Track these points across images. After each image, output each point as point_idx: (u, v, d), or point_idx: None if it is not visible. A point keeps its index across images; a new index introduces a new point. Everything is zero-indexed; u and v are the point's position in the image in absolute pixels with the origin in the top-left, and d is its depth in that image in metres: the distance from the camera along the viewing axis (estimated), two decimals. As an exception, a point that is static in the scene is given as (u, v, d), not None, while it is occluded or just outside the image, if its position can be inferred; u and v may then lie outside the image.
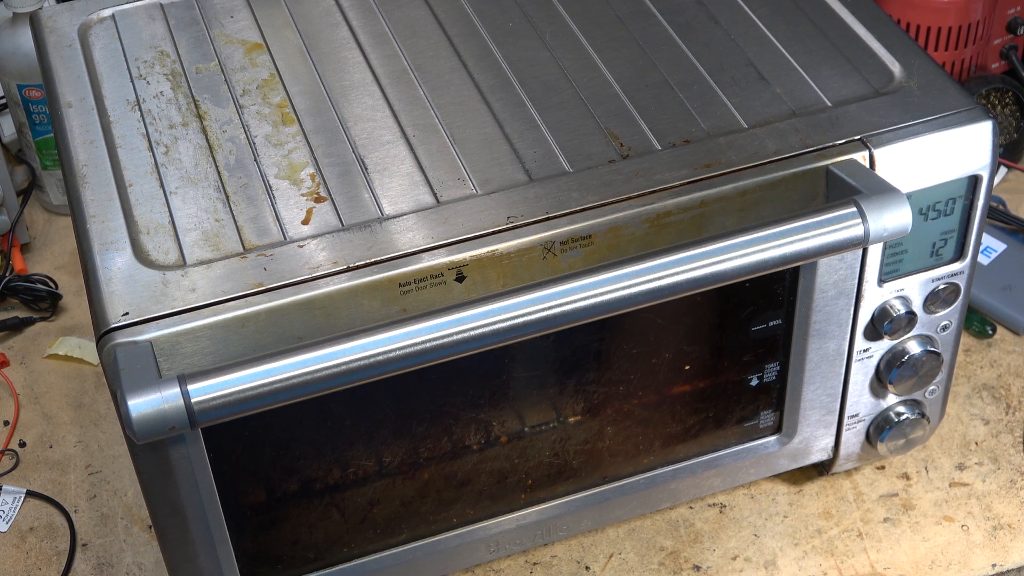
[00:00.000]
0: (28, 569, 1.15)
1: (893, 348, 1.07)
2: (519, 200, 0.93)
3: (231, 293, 0.87)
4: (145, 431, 0.81)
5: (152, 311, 0.86)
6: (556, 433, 1.04)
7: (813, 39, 1.06)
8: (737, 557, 1.14)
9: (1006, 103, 1.46)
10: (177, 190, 0.96)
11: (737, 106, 1.00)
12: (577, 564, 1.14)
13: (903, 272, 1.03)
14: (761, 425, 1.11)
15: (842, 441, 1.13)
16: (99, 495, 1.21)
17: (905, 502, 1.17)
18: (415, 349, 0.84)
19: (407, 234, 0.91)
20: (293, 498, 0.99)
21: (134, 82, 1.05)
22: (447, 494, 1.04)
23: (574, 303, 0.87)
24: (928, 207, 1.00)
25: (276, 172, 0.97)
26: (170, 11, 1.13)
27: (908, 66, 1.02)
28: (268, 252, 0.90)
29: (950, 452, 1.21)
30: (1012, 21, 1.47)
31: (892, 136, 0.96)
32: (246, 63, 1.07)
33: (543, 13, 1.10)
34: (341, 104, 1.02)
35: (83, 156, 0.99)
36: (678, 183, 0.93)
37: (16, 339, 1.36)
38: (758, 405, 1.10)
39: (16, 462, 1.24)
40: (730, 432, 1.11)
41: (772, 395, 1.09)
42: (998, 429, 1.23)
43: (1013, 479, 1.19)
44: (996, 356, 1.30)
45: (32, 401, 1.30)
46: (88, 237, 0.92)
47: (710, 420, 1.09)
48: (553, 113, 1.00)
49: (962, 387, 1.26)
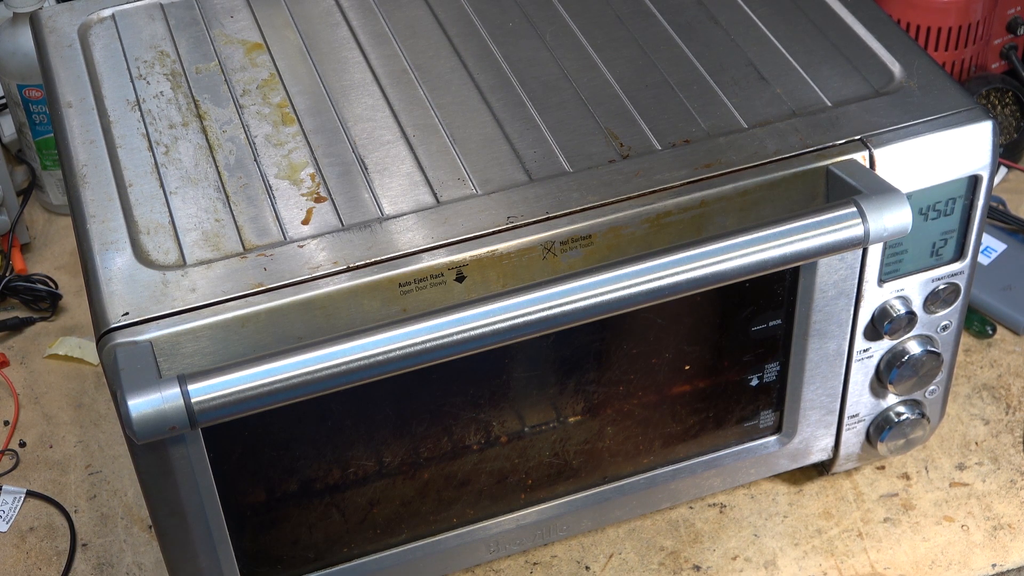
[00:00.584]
0: (28, 569, 1.15)
1: (893, 348, 1.07)
2: (519, 200, 0.93)
3: (231, 293, 0.87)
4: (145, 431, 0.81)
5: (152, 311, 0.86)
6: (556, 433, 1.04)
7: (813, 39, 1.06)
8: (737, 557, 1.14)
9: (1006, 103, 1.46)
10: (177, 190, 0.96)
11: (737, 106, 1.00)
12: (577, 564, 1.14)
13: (903, 272, 1.03)
14: (761, 425, 1.11)
15: (842, 441, 1.13)
16: (99, 495, 1.21)
17: (905, 502, 1.17)
18: (415, 349, 0.84)
19: (407, 234, 0.91)
20: (293, 498, 0.99)
21: (134, 82, 1.06)
22: (447, 494, 1.04)
23: (574, 303, 0.87)
24: (928, 207, 1.00)
25: (276, 172, 0.97)
26: (170, 11, 1.13)
27: (908, 66, 1.02)
28: (268, 252, 0.90)
29: (950, 452, 1.21)
30: (1012, 21, 1.47)
31: (892, 136, 0.96)
32: (246, 63, 1.07)
33: (543, 13, 1.10)
34: (341, 104, 1.02)
35: (83, 156, 0.99)
36: (678, 183, 0.93)
37: (16, 339, 1.36)
38: (758, 405, 1.10)
39: (16, 462, 1.24)
40: (730, 432, 1.11)
41: (772, 395, 1.09)
42: (998, 429, 1.23)
43: (1013, 479, 1.19)
44: (996, 356, 1.30)
45: (32, 401, 1.30)
46: (88, 237, 0.92)
47: (710, 420, 1.09)
48: (553, 113, 1.00)
49: (962, 387, 1.26)
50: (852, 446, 1.14)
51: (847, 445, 1.14)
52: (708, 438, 1.10)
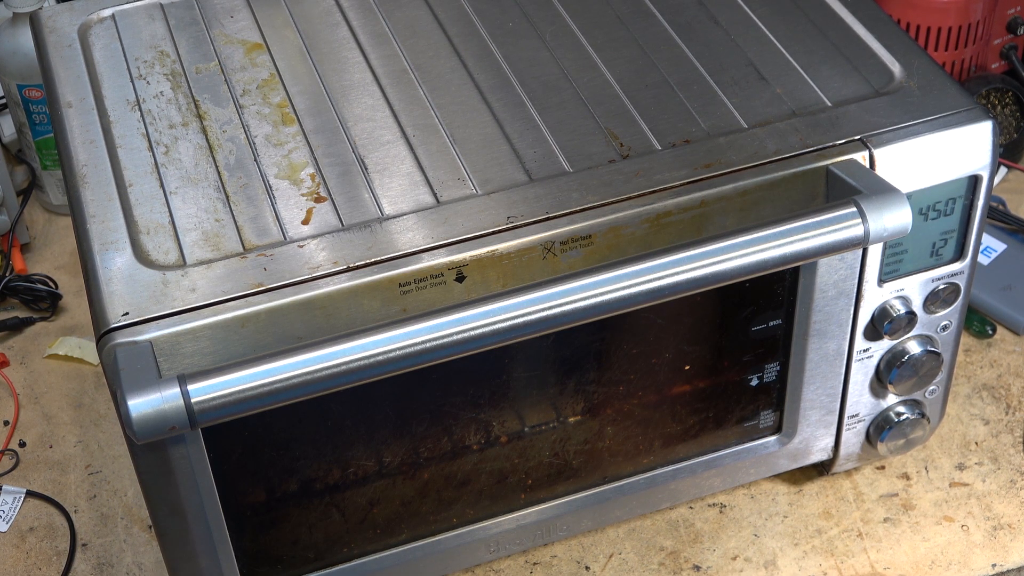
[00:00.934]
0: (28, 569, 1.15)
1: (893, 348, 1.07)
2: (519, 200, 0.93)
3: (231, 293, 0.87)
4: (145, 431, 0.81)
5: (152, 311, 0.86)
6: (556, 433, 1.04)
7: (813, 39, 1.06)
8: (737, 557, 1.14)
9: (1006, 103, 1.46)
10: (177, 190, 0.96)
11: (737, 106, 1.00)
12: (577, 564, 1.14)
13: (903, 272, 1.03)
14: (761, 425, 1.11)
15: (842, 441, 1.13)
16: (99, 495, 1.21)
17: (905, 502, 1.17)
18: (415, 349, 0.84)
19: (407, 234, 0.91)
20: (293, 498, 0.99)
21: (134, 82, 1.06)
22: (447, 494, 1.04)
23: (574, 303, 0.87)
24: (928, 207, 1.00)
25: (276, 172, 0.97)
26: (170, 11, 1.13)
27: (908, 66, 1.02)
28: (268, 252, 0.90)
29: (950, 452, 1.21)
30: (1012, 21, 1.47)
31: (892, 136, 0.96)
32: (246, 63, 1.07)
33: (543, 13, 1.10)
34: (341, 104, 1.02)
35: (83, 156, 0.99)
36: (678, 183, 0.93)
37: (16, 339, 1.36)
38: (758, 405, 1.10)
39: (16, 462, 1.24)
40: (730, 432, 1.11)
41: (772, 395, 1.09)
42: (998, 429, 1.23)
43: (1013, 479, 1.19)
44: (996, 356, 1.30)
45: (32, 401, 1.30)
46: (88, 237, 0.92)
47: (710, 420, 1.09)
48: (553, 113, 1.00)
49: (962, 387, 1.26)
50: (852, 446, 1.14)
51: (847, 445, 1.14)
52: (708, 438, 1.10)
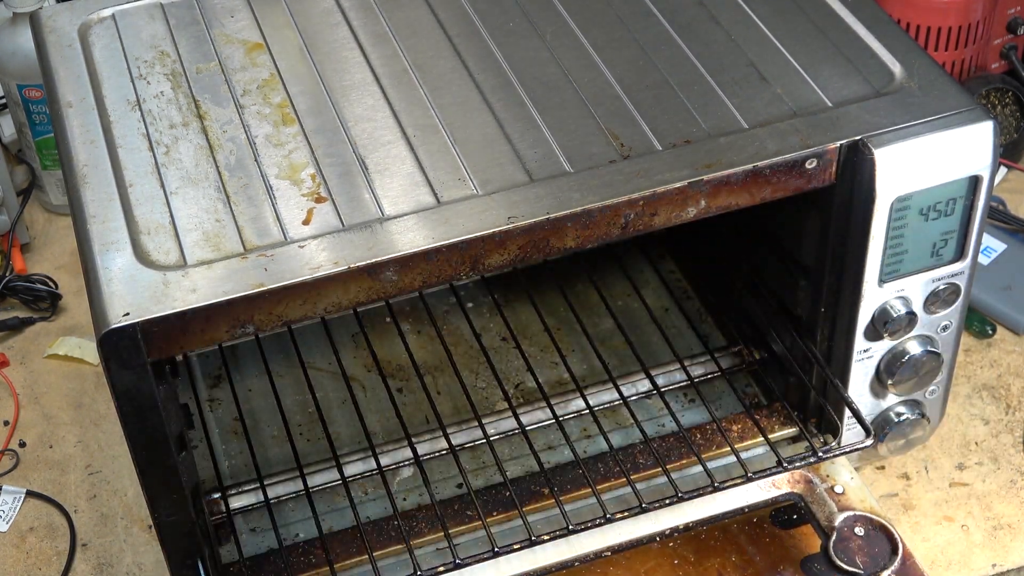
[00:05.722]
0: (28, 569, 1.15)
1: (893, 348, 1.07)
2: (520, 200, 0.93)
3: (232, 293, 0.87)
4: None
5: (153, 311, 0.86)
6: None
7: (813, 39, 1.06)
8: (737, 557, 1.14)
9: (1006, 103, 1.46)
10: (177, 190, 0.96)
11: (737, 106, 1.00)
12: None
13: (903, 272, 1.03)
14: (761, 425, 1.11)
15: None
16: (99, 495, 1.21)
17: (905, 502, 1.17)
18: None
19: (408, 234, 0.91)
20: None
21: (134, 82, 1.05)
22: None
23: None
24: (928, 207, 1.00)
25: (276, 172, 0.97)
26: (170, 11, 1.13)
27: (908, 66, 1.02)
28: (268, 252, 0.90)
29: (950, 452, 1.21)
30: (1012, 21, 1.47)
31: (892, 136, 0.96)
32: (246, 63, 1.07)
33: (544, 13, 1.10)
34: (341, 104, 1.02)
35: (83, 156, 0.99)
36: (678, 183, 0.93)
37: (16, 339, 1.36)
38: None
39: (16, 462, 1.24)
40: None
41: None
42: (998, 429, 1.23)
43: (1013, 479, 1.19)
44: (996, 356, 1.30)
45: (32, 401, 1.30)
46: (88, 237, 0.92)
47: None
48: (554, 113, 1.00)
49: (962, 387, 1.26)
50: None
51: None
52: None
